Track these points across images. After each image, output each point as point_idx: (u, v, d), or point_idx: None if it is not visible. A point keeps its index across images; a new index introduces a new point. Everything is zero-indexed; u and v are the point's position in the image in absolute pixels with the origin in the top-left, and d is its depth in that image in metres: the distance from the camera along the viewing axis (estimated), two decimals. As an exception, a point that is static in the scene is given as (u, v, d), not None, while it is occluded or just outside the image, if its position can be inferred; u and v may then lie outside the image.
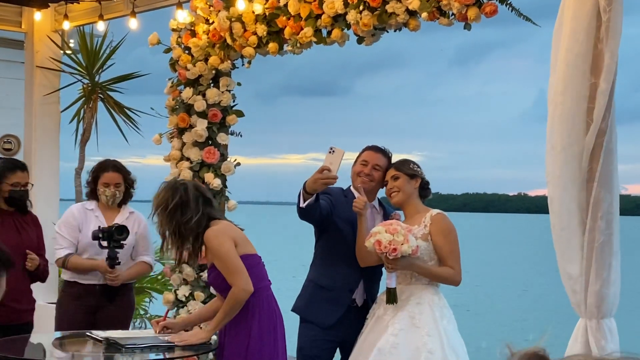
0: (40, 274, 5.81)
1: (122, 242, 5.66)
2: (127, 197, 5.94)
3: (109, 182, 5.82)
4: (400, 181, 4.93)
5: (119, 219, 5.85)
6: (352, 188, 5.12)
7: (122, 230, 5.66)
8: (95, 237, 5.66)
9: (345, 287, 5.01)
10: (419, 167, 5.00)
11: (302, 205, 4.78)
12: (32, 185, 5.88)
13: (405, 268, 4.68)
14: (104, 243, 5.65)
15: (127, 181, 5.89)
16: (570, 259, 3.67)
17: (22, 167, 5.81)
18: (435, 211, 4.87)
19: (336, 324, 5.00)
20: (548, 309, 22.82)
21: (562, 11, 3.68)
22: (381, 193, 5.16)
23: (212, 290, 5.98)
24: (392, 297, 4.66)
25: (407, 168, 4.96)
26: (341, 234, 5.03)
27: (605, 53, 3.56)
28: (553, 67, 3.72)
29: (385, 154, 5.11)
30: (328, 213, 4.98)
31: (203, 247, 4.43)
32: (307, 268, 5.29)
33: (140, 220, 5.96)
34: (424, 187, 5.01)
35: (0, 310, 5.23)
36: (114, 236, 5.63)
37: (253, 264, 4.44)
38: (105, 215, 5.86)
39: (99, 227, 5.70)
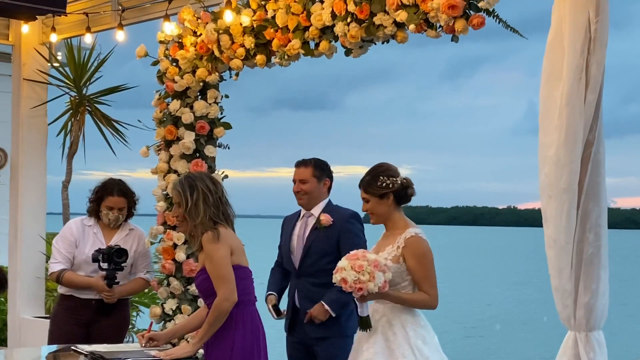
0: None
1: (121, 264, 5.66)
2: (128, 216, 5.94)
3: (113, 206, 5.81)
4: (371, 204, 4.68)
5: (118, 236, 5.86)
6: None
7: (122, 254, 5.65)
8: (95, 259, 5.66)
9: (290, 292, 5.59)
10: (390, 176, 4.66)
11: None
12: None
13: (376, 299, 4.55)
14: (104, 265, 5.65)
15: (130, 203, 5.89)
16: (562, 272, 3.65)
17: None
18: (410, 232, 4.60)
19: (291, 327, 5.56)
20: (535, 321, 22.84)
21: (557, 22, 3.65)
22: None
23: (199, 302, 5.95)
24: (364, 324, 4.53)
25: (375, 188, 4.65)
26: (285, 249, 5.63)
27: (592, 64, 3.56)
28: (547, 78, 3.69)
29: (305, 163, 5.54)
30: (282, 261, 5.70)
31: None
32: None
33: (140, 237, 5.97)
34: (401, 195, 4.69)
35: None
36: (113, 258, 5.63)
37: (243, 276, 4.43)
38: (104, 232, 5.87)
39: (99, 248, 5.69)
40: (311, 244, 5.44)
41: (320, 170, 5.54)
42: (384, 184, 4.64)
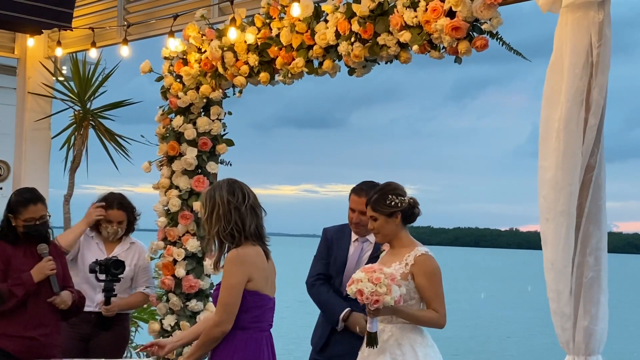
0: (74, 309, 5.36)
1: (119, 275, 5.66)
2: (129, 230, 5.96)
3: (112, 219, 5.85)
4: (379, 223, 4.67)
5: (119, 249, 5.89)
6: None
7: (119, 265, 5.66)
8: (92, 270, 5.66)
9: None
10: (398, 195, 4.68)
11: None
12: (50, 215, 5.43)
13: (387, 314, 4.53)
14: (101, 276, 5.64)
15: (130, 217, 5.91)
16: (561, 295, 3.65)
17: (34, 200, 5.24)
18: (420, 251, 4.61)
19: (325, 346, 5.35)
20: (535, 347, 22.76)
21: (559, 46, 3.68)
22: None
23: (197, 319, 5.94)
24: (372, 340, 4.50)
25: (384, 207, 4.65)
26: (337, 267, 5.36)
27: (594, 88, 3.57)
28: (547, 101, 3.71)
29: (368, 193, 5.09)
30: (329, 268, 5.42)
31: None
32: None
33: (140, 251, 5.99)
34: (408, 214, 4.70)
35: (28, 344, 5.04)
36: (110, 270, 5.62)
37: (259, 304, 4.28)
38: (105, 244, 5.91)
39: (96, 260, 5.69)
40: None
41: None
42: (392, 203, 4.64)
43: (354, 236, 5.38)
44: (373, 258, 5.23)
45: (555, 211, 3.63)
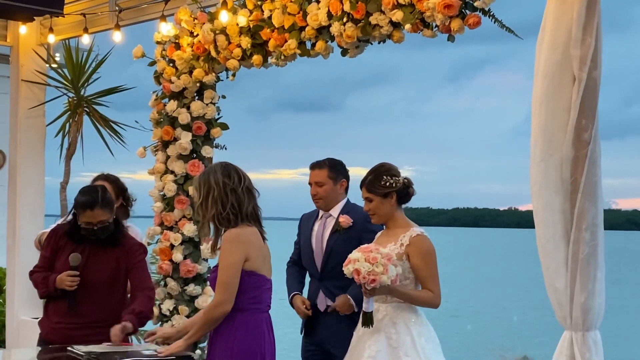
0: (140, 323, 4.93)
1: None
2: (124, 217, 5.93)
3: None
4: (375, 204, 4.71)
5: None
6: None
7: None
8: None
9: (311, 295, 5.46)
10: (393, 175, 4.71)
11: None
12: (110, 222, 4.95)
13: (383, 294, 4.56)
14: None
15: (125, 199, 5.89)
16: (556, 271, 3.66)
17: (91, 205, 4.85)
18: (415, 231, 4.65)
19: (311, 330, 5.45)
20: (535, 323, 22.83)
21: (544, 23, 3.68)
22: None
23: (196, 303, 5.95)
24: (367, 320, 4.53)
25: (379, 187, 4.69)
26: (305, 250, 5.53)
27: (577, 64, 3.56)
28: (535, 78, 3.71)
29: (320, 165, 5.45)
30: (300, 251, 5.60)
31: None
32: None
33: (135, 234, 5.95)
34: (403, 194, 4.74)
35: (52, 330, 5.02)
36: None
37: (257, 285, 4.25)
38: None
39: None
40: (332, 247, 5.33)
41: (335, 171, 5.42)
42: (387, 184, 4.68)
43: (320, 214, 5.51)
44: (334, 232, 5.37)
45: (535, 187, 3.68)
